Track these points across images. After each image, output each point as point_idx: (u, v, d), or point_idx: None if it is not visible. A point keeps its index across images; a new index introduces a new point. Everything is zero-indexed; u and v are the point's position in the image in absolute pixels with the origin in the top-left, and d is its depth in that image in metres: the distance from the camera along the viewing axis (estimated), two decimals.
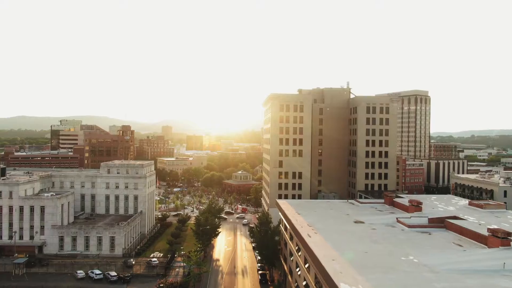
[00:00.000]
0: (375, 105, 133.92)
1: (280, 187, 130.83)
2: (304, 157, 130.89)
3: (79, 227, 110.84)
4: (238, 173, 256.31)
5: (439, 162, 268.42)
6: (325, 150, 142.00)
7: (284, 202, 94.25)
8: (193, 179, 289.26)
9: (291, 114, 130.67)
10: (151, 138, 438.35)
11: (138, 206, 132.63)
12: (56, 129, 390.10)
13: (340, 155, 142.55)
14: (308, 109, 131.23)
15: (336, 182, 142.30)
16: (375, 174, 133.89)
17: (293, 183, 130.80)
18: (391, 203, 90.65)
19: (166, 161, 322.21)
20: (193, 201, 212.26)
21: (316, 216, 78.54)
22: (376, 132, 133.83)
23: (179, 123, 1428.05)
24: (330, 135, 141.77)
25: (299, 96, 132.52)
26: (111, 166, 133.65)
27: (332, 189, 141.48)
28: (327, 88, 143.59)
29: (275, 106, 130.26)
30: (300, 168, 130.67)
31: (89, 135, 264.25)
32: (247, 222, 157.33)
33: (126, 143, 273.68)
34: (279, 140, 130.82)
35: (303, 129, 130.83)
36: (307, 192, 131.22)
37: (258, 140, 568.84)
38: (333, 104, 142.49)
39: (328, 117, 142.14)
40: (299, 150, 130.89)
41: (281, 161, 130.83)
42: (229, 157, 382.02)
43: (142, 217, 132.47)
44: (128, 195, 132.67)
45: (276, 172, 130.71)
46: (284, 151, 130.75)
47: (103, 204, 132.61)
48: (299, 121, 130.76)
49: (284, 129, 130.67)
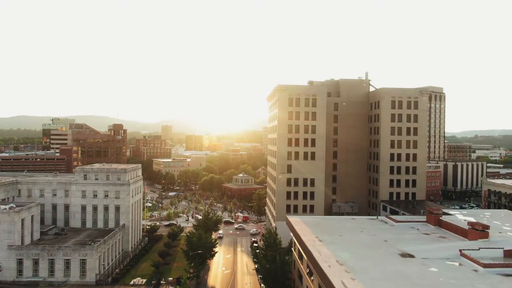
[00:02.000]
0: (402, 98, 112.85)
1: (289, 196, 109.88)
2: (317, 160, 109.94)
3: (42, 247, 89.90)
4: (239, 176, 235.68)
5: (457, 164, 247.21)
6: (340, 152, 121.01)
7: (298, 221, 73.20)
8: (190, 182, 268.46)
9: (301, 110, 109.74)
10: (148, 138, 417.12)
11: (120, 219, 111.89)
12: (47, 128, 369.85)
13: (358, 158, 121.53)
14: (322, 103, 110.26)
15: (353, 190, 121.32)
16: (401, 181, 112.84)
17: (304, 191, 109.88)
18: (437, 223, 69.57)
19: (162, 162, 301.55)
20: (190, 207, 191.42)
21: (345, 244, 57.51)
22: (403, 131, 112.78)
23: (180, 122, 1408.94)
24: (347, 134, 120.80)
25: (311, 88, 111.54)
26: (88, 171, 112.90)
27: (349, 198, 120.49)
28: (343, 79, 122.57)
29: (283, 99, 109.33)
30: (312, 174, 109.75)
31: (77, 135, 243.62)
32: (253, 232, 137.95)
33: (118, 143, 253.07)
34: (288, 140, 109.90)
35: (316, 128, 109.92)
36: (320, 203, 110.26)
37: (259, 140, 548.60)
38: (350, 98, 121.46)
39: (344, 113, 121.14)
40: (311, 153, 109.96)
41: (290, 166, 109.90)
42: (230, 158, 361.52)
43: (125, 231, 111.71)
44: (108, 205, 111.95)
45: (283, 179, 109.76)
46: (294, 153, 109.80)
47: (78, 216, 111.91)
48: (311, 118, 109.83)
49: (293, 128, 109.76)
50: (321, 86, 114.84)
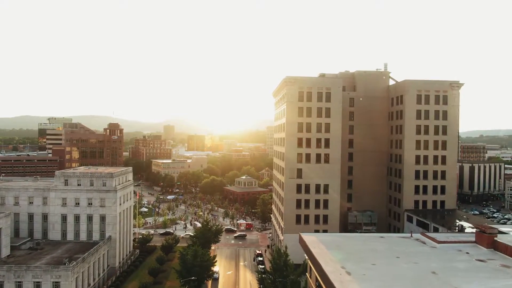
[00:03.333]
0: (429, 92, 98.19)
1: (299, 205, 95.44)
2: (331, 163, 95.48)
3: (8, 268, 75.80)
4: (241, 178, 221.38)
5: (473, 165, 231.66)
6: (357, 155, 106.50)
7: (314, 241, 58.74)
8: (190, 185, 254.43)
9: (313, 105, 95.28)
10: (147, 138, 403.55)
11: (106, 230, 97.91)
12: (43, 128, 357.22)
13: (377, 161, 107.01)
14: (338, 98, 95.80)
15: (371, 198, 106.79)
16: (428, 187, 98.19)
17: (317, 199, 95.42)
18: (492, 245, 54.90)
19: (161, 163, 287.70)
20: (189, 213, 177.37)
21: (382, 280, 42.93)
22: (430, 130, 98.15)
23: (183, 122, 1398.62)
24: (364, 134, 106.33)
25: (324, 80, 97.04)
26: (69, 175, 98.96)
27: (366, 207, 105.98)
28: (359, 71, 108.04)
29: (292, 94, 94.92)
30: (325, 179, 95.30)
31: (70, 135, 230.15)
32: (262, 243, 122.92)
33: (113, 143, 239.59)
34: (297, 141, 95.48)
35: (331, 126, 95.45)
36: (335, 213, 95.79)
37: (263, 140, 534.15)
38: (368, 92, 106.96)
39: (361, 109, 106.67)
40: (324, 155, 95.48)
41: (300, 170, 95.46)
42: (232, 159, 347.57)
43: (111, 244, 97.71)
44: (92, 214, 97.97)
45: (293, 185, 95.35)
46: (304, 156, 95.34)
47: (58, 227, 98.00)
48: (325, 115, 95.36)
49: (304, 126, 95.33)
50: (336, 78, 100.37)
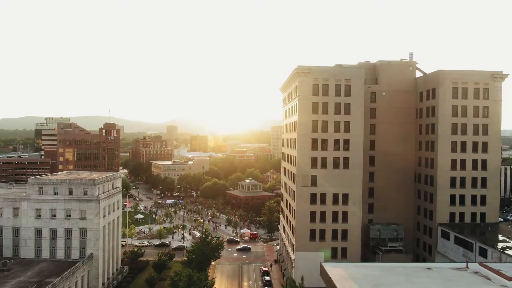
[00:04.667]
0: (467, 85, 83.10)
1: (313, 218, 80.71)
2: (352, 169, 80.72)
3: None
4: (245, 181, 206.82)
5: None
6: (379, 158, 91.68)
7: (342, 275, 44.18)
8: (191, 188, 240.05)
9: (331, 100, 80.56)
10: (148, 138, 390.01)
11: (87, 246, 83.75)
12: (39, 128, 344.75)
13: (402, 165, 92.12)
14: (359, 91, 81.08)
15: (396, 208, 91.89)
16: (466, 197, 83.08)
17: (334, 211, 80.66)
18: None
19: (161, 165, 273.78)
20: (188, 220, 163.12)
21: None
22: (469, 129, 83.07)
23: (187, 122, 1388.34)
24: (388, 134, 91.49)
25: (343, 71, 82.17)
26: (44, 182, 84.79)
27: (390, 219, 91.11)
28: (382, 61, 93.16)
29: (305, 86, 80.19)
30: (345, 188, 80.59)
31: (63, 135, 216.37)
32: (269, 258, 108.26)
33: (109, 144, 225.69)
34: (312, 142, 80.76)
35: (351, 125, 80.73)
36: (356, 227, 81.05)
37: (267, 140, 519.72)
38: (392, 86, 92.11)
39: (384, 106, 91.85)
40: (343, 159, 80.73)
41: (315, 177, 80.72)
42: (235, 160, 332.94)
43: (93, 263, 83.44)
44: (71, 228, 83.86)
45: (306, 194, 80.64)
46: (320, 160, 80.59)
47: (31, 243, 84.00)
48: (344, 111, 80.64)
49: (319, 125, 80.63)
50: (357, 68, 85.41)
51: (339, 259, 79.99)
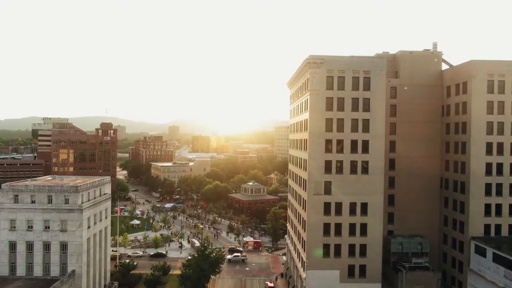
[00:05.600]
0: (504, 77, 72.26)
1: (327, 231, 70.07)
2: (371, 175, 70.06)
3: None
4: (248, 184, 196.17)
5: None
6: (400, 161, 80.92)
7: None
8: (191, 191, 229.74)
9: (347, 95, 69.96)
10: (148, 138, 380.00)
11: (68, 262, 73.54)
12: (36, 129, 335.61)
13: (427, 169, 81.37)
14: (380, 84, 70.47)
15: (420, 218, 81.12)
16: (504, 207, 72.29)
17: (351, 223, 70.05)
18: None
19: (160, 167, 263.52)
20: (187, 226, 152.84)
21: None
22: (506, 129, 72.23)
23: (190, 123, 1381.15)
24: (410, 133, 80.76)
25: (362, 61, 71.43)
26: (20, 189, 74.52)
27: (413, 230, 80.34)
28: (403, 51, 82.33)
29: (318, 79, 69.58)
30: (364, 196, 69.97)
31: (58, 135, 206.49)
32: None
33: (106, 145, 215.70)
34: (325, 143, 70.15)
35: (371, 123, 70.10)
36: (376, 240, 70.39)
37: (270, 141, 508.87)
38: (415, 79, 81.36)
39: (405, 102, 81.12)
40: (362, 163, 70.08)
41: (329, 183, 70.09)
42: (238, 162, 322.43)
43: (76, 281, 73.17)
44: (50, 242, 73.68)
45: (319, 204, 70.02)
46: (335, 164, 69.97)
47: (5, 259, 73.98)
48: (363, 108, 70.03)
49: (334, 123, 70.03)
50: (378, 58, 74.70)
51: (356, 278, 69.48)
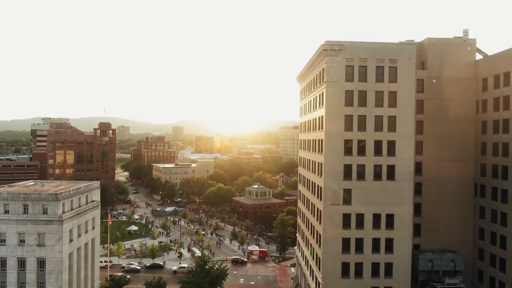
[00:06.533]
0: None
1: (347, 247, 59.83)
2: (399, 181, 59.83)
3: None
4: (253, 187, 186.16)
5: None
6: (428, 165, 70.43)
7: None
8: (193, 194, 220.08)
9: (370, 87, 59.77)
10: (150, 139, 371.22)
11: (47, 282, 63.84)
12: (35, 129, 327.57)
13: (458, 174, 70.85)
14: (409, 75, 60.29)
15: (450, 230, 70.60)
16: None
17: (375, 238, 59.80)
18: None
19: (161, 168, 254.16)
20: (188, 232, 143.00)
21: None
22: None
23: (194, 123, 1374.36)
24: (439, 132, 70.29)
25: (387, 47, 61.14)
26: None
27: (442, 243, 69.84)
28: (431, 39, 71.82)
29: (336, 68, 59.37)
30: (390, 206, 59.72)
31: (54, 136, 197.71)
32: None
33: (105, 146, 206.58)
34: (344, 144, 59.93)
35: (398, 121, 59.89)
36: (404, 258, 60.09)
37: (274, 141, 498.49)
38: (445, 70, 70.85)
39: (434, 96, 70.64)
40: (388, 167, 59.84)
41: (349, 191, 59.90)
42: (242, 163, 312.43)
43: None
44: (26, 258, 64.01)
45: (336, 215, 59.80)
46: (356, 169, 59.75)
47: None
48: (389, 103, 59.83)
49: (355, 121, 59.84)
50: (406, 44, 64.25)
51: None
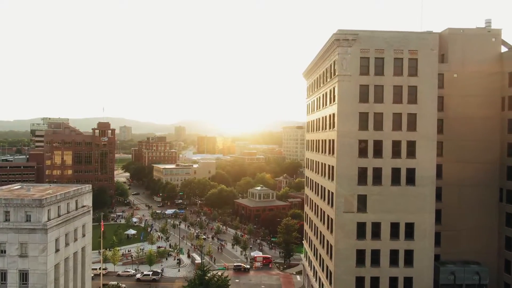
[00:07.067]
0: None
1: (361, 260, 53.68)
2: (420, 185, 53.65)
3: None
4: (256, 189, 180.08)
5: None
6: (448, 167, 64.08)
7: None
8: (195, 196, 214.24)
9: (388, 81, 53.63)
10: (151, 139, 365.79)
11: None
12: (34, 129, 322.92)
13: (482, 178, 64.45)
14: (431, 68, 54.33)
15: (472, 239, 64.26)
16: None
17: (393, 250, 53.62)
18: None
19: (162, 169, 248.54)
20: (187, 237, 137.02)
21: None
22: None
23: (196, 123, 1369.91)
24: (461, 133, 63.93)
25: (407, 37, 54.94)
26: None
27: (465, 254, 63.51)
28: (453, 29, 65.54)
29: (349, 60, 53.25)
30: (410, 213, 53.58)
31: (51, 136, 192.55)
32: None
33: (103, 146, 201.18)
34: (358, 144, 53.79)
35: (419, 119, 53.86)
36: (426, 272, 53.92)
37: (277, 141, 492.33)
38: (467, 64, 64.56)
39: (456, 93, 64.30)
40: (408, 170, 53.71)
41: (364, 198, 53.77)
42: (245, 163, 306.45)
43: None
44: (7, 270, 58.13)
45: (350, 224, 53.66)
46: (372, 172, 53.62)
47: None
48: (408, 99, 53.72)
49: (371, 119, 53.73)
50: (428, 33, 57.91)
51: None
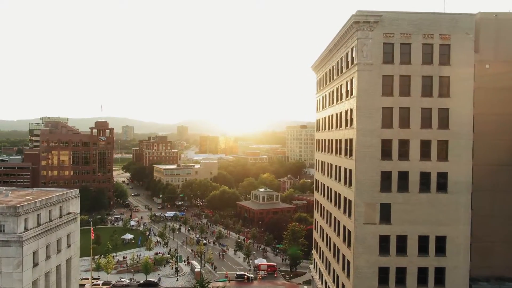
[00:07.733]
0: None
1: (385, 279, 46.05)
2: (454, 192, 46.01)
3: None
4: (259, 191, 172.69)
5: None
6: (480, 170, 56.29)
7: None
8: (196, 197, 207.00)
9: (415, 71, 45.99)
10: (152, 139, 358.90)
11: None
12: (33, 129, 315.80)
13: None
14: (466, 55, 46.71)
15: (507, 252, 56.51)
16: None
17: (421, 268, 45.96)
18: None
19: (163, 169, 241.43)
20: (187, 241, 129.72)
21: None
22: None
23: (199, 123, 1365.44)
24: (494, 132, 56.17)
25: (438, 20, 47.37)
26: None
27: (499, 269, 55.83)
28: (484, 13, 57.80)
29: (371, 46, 45.69)
30: (441, 225, 45.95)
31: (47, 136, 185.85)
32: None
33: (101, 146, 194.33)
34: (382, 145, 46.11)
35: (452, 114, 46.23)
36: None
37: (280, 141, 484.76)
38: (501, 53, 56.87)
39: (488, 86, 56.62)
40: (439, 175, 46.07)
41: (387, 207, 46.13)
42: (248, 163, 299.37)
43: None
44: None
45: (371, 237, 46.04)
46: (397, 178, 45.96)
47: None
48: (439, 91, 46.06)
49: (396, 115, 46.11)
50: (463, 15, 50.20)
51: None
